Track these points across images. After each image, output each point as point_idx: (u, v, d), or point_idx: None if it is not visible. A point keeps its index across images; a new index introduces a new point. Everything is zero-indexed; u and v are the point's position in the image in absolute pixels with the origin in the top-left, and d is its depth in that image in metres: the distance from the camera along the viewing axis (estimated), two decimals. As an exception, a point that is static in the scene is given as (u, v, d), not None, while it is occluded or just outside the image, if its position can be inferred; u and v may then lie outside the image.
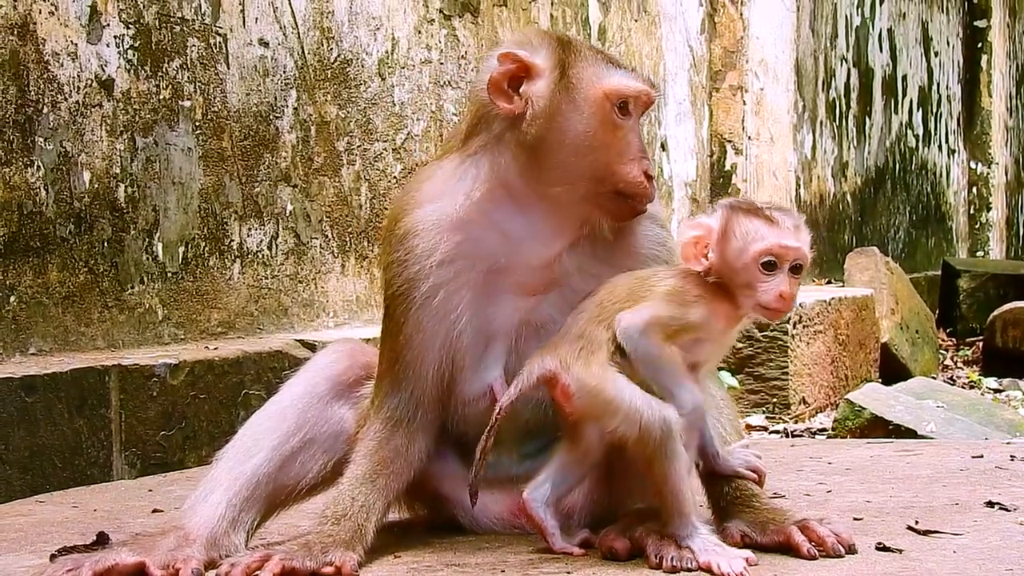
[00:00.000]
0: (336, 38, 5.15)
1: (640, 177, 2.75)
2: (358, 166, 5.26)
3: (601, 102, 2.74)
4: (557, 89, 2.75)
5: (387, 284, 2.85)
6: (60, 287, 4.08)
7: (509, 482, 2.91)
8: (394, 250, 2.81)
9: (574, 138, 2.74)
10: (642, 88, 2.78)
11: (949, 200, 13.28)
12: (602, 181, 2.75)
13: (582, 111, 2.75)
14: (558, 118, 2.75)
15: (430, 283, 2.77)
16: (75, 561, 2.61)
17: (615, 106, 2.75)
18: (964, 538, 2.84)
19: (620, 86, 2.76)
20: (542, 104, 2.75)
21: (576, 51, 2.79)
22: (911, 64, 12.08)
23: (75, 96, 4.12)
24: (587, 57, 2.79)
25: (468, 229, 2.78)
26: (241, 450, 2.84)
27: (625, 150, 2.76)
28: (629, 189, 2.76)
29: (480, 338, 2.82)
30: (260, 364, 4.48)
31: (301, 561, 2.60)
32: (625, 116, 2.76)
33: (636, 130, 2.79)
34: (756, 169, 8.03)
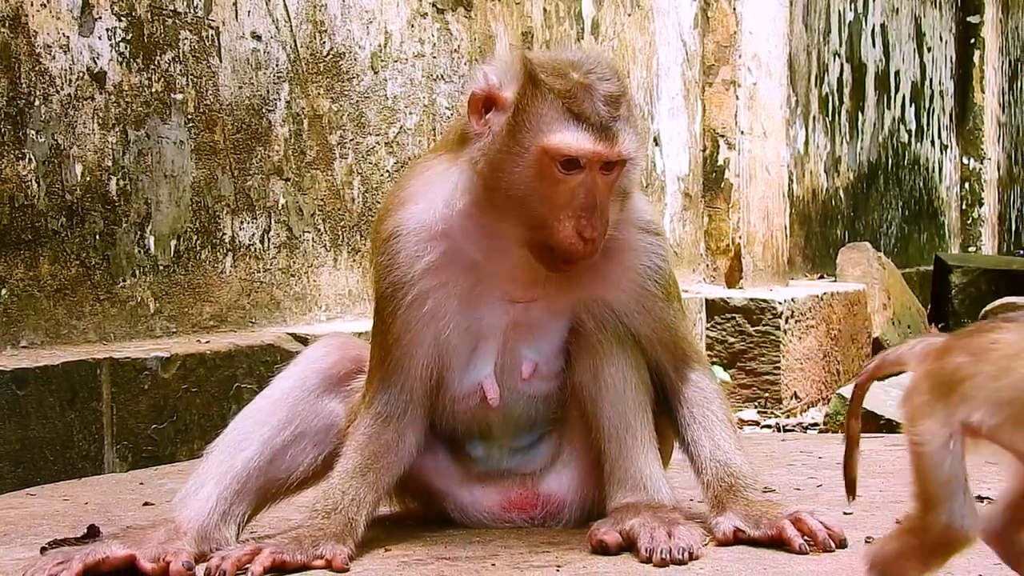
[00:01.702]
0: (329, 31, 5.15)
1: (571, 237, 2.64)
2: (351, 160, 5.25)
3: (540, 156, 2.64)
4: (507, 131, 2.67)
5: (375, 284, 2.86)
6: (52, 280, 4.08)
7: (500, 476, 2.92)
8: (380, 252, 2.81)
9: (512, 185, 2.67)
10: (588, 150, 2.62)
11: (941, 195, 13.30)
12: (536, 231, 2.68)
13: (522, 161, 2.66)
14: (501, 160, 2.68)
15: (416, 289, 2.77)
16: (65, 554, 2.61)
17: (556, 162, 2.64)
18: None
19: (561, 145, 2.62)
20: (492, 141, 2.69)
21: (536, 92, 2.65)
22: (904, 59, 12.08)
23: (67, 89, 4.12)
24: (543, 103, 2.64)
25: (451, 237, 2.77)
26: (232, 443, 2.85)
27: (563, 207, 2.64)
28: (559, 248, 2.67)
29: (469, 339, 2.82)
30: (252, 358, 4.48)
31: (292, 554, 2.61)
32: (572, 172, 2.64)
33: (590, 184, 2.64)
34: (749, 164, 8.03)
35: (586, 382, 2.82)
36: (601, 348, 2.82)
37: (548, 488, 2.90)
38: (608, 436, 2.81)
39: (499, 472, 2.92)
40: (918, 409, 1.98)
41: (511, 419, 2.87)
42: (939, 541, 1.98)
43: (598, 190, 2.66)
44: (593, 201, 2.65)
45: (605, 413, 2.80)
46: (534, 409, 2.88)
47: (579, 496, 2.89)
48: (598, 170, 2.66)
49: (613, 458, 2.80)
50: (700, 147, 7.96)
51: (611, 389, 2.80)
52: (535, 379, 2.85)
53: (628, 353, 2.83)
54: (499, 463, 2.91)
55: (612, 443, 2.80)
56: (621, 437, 2.79)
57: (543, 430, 2.92)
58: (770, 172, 8.29)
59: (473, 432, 2.90)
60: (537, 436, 2.92)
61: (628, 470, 2.79)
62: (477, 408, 2.84)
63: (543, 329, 2.84)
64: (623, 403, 2.80)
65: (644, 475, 2.79)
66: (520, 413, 2.87)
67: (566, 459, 2.90)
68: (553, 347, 2.86)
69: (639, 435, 2.80)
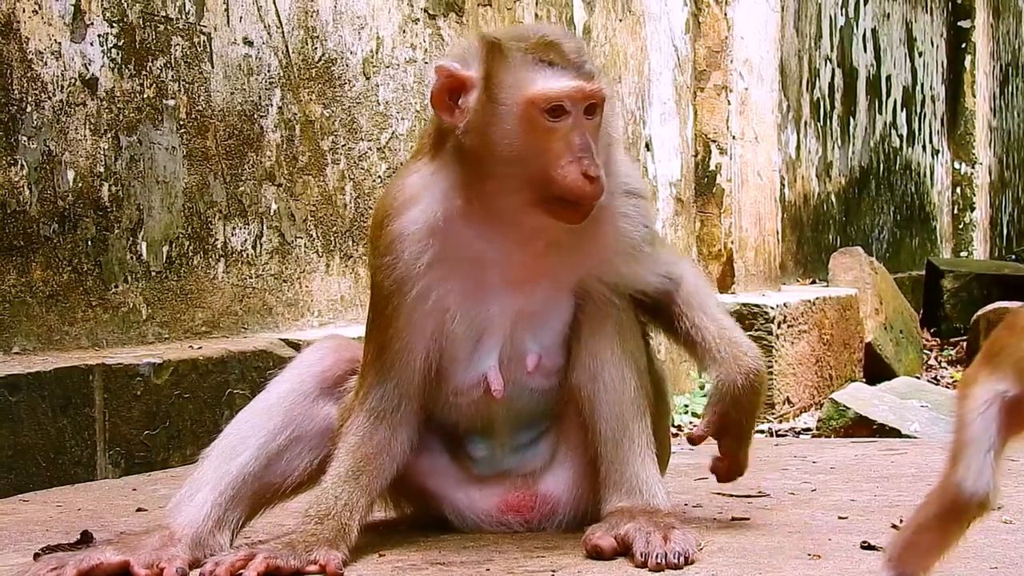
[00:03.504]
0: (320, 37, 5.15)
1: (578, 180, 2.67)
2: (343, 165, 5.25)
3: (526, 109, 2.67)
4: (485, 101, 2.70)
5: (376, 284, 2.85)
6: (44, 286, 4.07)
7: (497, 478, 2.91)
8: (383, 254, 2.80)
9: (506, 149, 2.69)
10: (571, 87, 2.68)
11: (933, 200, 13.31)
12: (542, 187, 2.70)
13: (509, 121, 2.68)
14: (488, 130, 2.70)
15: (420, 285, 2.77)
16: (59, 560, 2.60)
17: (544, 111, 2.67)
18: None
19: (544, 90, 2.67)
20: (474, 117, 2.71)
21: (504, 56, 2.70)
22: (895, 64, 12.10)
23: (59, 95, 4.11)
24: (514, 61, 2.69)
25: (451, 232, 2.77)
26: (227, 449, 2.84)
27: (561, 153, 2.67)
28: (569, 194, 2.69)
29: (473, 330, 2.83)
30: (244, 363, 4.47)
31: (285, 560, 2.60)
32: (559, 118, 2.68)
33: (579, 128, 2.69)
34: (740, 169, 8.03)
35: (585, 383, 2.82)
36: (602, 343, 2.82)
37: (545, 488, 2.90)
38: (605, 439, 2.80)
39: (496, 473, 2.91)
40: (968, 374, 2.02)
41: (513, 413, 2.88)
42: (952, 502, 1.99)
43: (588, 132, 2.71)
44: (586, 141, 2.69)
45: (603, 415, 2.80)
46: (536, 404, 2.89)
47: (574, 497, 2.88)
48: (582, 114, 2.70)
49: (609, 461, 2.80)
50: (692, 152, 7.96)
51: (610, 391, 2.80)
52: (538, 373, 2.85)
53: (629, 351, 2.83)
54: (499, 461, 2.91)
55: (609, 446, 2.80)
56: (618, 440, 2.79)
57: (542, 427, 2.92)
58: (762, 177, 8.30)
59: (475, 427, 2.90)
60: (537, 433, 2.92)
61: (624, 474, 2.79)
62: (480, 401, 2.85)
63: (546, 316, 2.85)
64: (621, 406, 2.80)
65: (640, 479, 2.78)
66: (523, 407, 2.88)
67: (562, 459, 2.90)
68: (556, 338, 2.86)
69: (636, 439, 2.80)
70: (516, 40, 2.73)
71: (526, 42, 2.72)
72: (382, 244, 2.80)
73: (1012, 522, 2.99)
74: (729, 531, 2.93)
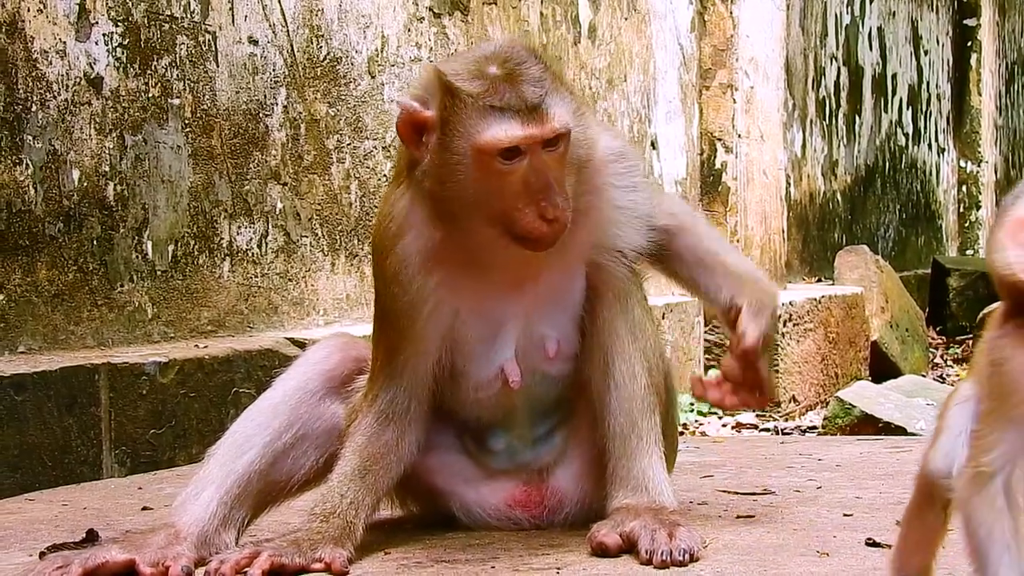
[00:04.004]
0: (326, 36, 5.15)
1: (535, 222, 2.65)
2: (348, 164, 5.25)
3: (477, 156, 2.65)
4: (441, 145, 2.67)
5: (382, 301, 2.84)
6: (49, 285, 4.07)
7: (511, 471, 2.91)
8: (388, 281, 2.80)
9: (463, 192, 2.68)
10: (520, 136, 2.63)
11: (939, 198, 13.30)
12: (504, 226, 2.69)
13: (463, 166, 2.66)
14: (445, 174, 2.68)
15: (428, 300, 2.78)
16: (64, 558, 2.60)
17: (496, 156, 2.64)
18: (953, 533, 2.83)
19: (492, 140, 2.62)
20: (432, 160, 2.69)
21: (456, 99, 2.65)
22: (901, 63, 12.09)
23: (64, 94, 4.12)
24: (467, 108, 2.64)
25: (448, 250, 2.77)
26: (233, 447, 2.84)
27: (519, 195, 2.65)
28: (526, 235, 2.68)
29: (487, 326, 2.83)
30: (250, 362, 4.48)
31: (290, 557, 2.60)
32: (514, 160, 2.64)
33: (536, 166, 2.65)
34: (746, 167, 8.03)
35: (595, 377, 2.82)
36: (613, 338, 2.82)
37: (553, 483, 2.90)
38: (613, 434, 2.80)
39: (511, 467, 2.92)
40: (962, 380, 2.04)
41: (532, 402, 2.88)
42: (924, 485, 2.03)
43: (548, 168, 2.67)
44: (545, 180, 2.66)
45: (612, 411, 2.80)
46: (554, 391, 2.89)
47: (581, 492, 2.89)
48: (541, 150, 2.66)
49: (617, 457, 2.80)
50: (697, 151, 7.96)
51: (620, 387, 2.80)
52: (558, 359, 2.86)
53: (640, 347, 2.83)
54: (516, 454, 2.92)
55: (617, 442, 2.80)
56: (626, 436, 2.79)
57: (558, 418, 2.92)
58: (767, 176, 8.29)
59: (497, 419, 2.90)
60: (552, 424, 2.93)
61: (631, 470, 2.79)
62: (501, 393, 2.85)
63: (559, 299, 2.85)
64: (631, 402, 2.80)
65: (647, 476, 2.78)
66: (541, 395, 2.89)
67: (571, 454, 2.90)
68: (572, 319, 2.86)
69: (645, 436, 2.80)
70: (469, 80, 2.67)
71: (478, 82, 2.66)
72: (385, 272, 2.81)
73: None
74: (734, 529, 2.92)
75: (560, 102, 2.69)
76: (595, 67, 7.02)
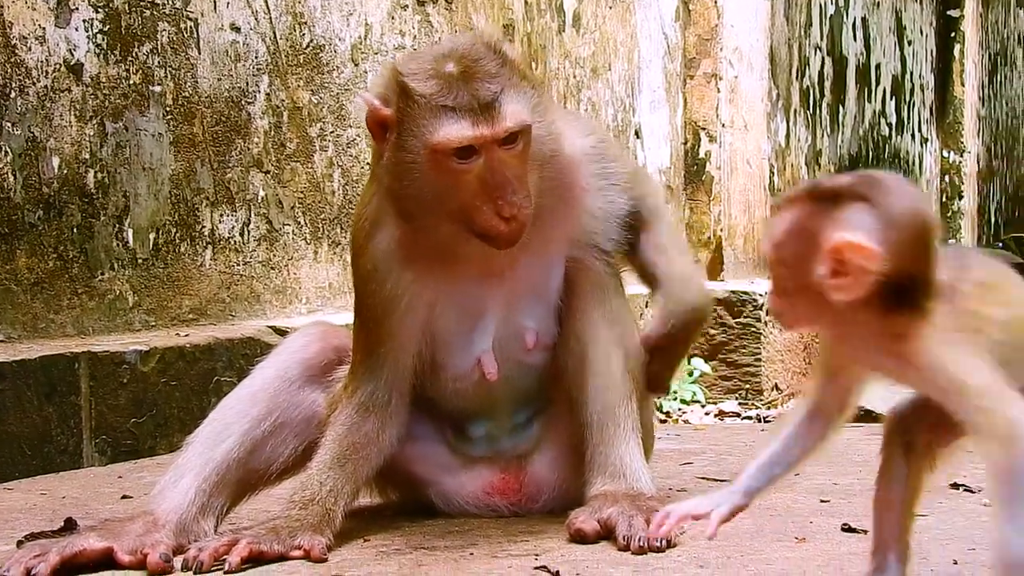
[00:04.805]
0: (308, 23, 5.14)
1: (492, 221, 2.65)
2: (331, 152, 5.24)
3: (431, 156, 2.65)
4: (398, 144, 2.68)
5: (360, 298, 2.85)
6: (29, 273, 4.06)
7: (490, 459, 2.92)
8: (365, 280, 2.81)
9: (421, 191, 2.69)
10: (472, 136, 2.63)
11: (922, 188, 13.33)
12: (464, 223, 2.69)
13: (420, 166, 2.67)
14: (402, 170, 2.69)
15: (404, 296, 2.78)
16: (43, 547, 2.60)
17: (451, 155, 2.64)
18: (929, 518, 2.85)
19: (445, 140, 2.63)
20: (390, 157, 2.70)
21: (410, 99, 2.65)
22: (884, 53, 12.11)
23: (43, 81, 4.10)
24: (420, 108, 2.65)
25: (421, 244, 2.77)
26: (212, 435, 2.84)
27: (476, 194, 2.65)
28: (485, 234, 2.68)
29: (465, 319, 2.84)
30: (232, 351, 4.47)
31: (269, 545, 2.60)
32: (470, 159, 2.64)
33: (493, 164, 2.65)
34: (730, 157, 8.03)
35: (572, 365, 2.83)
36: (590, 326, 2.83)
37: (531, 470, 2.91)
38: (591, 422, 2.81)
39: (489, 454, 2.93)
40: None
41: (512, 392, 2.89)
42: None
43: (506, 166, 2.66)
44: (502, 178, 2.65)
45: (589, 399, 2.81)
46: (533, 381, 2.90)
47: (559, 479, 2.90)
48: (498, 148, 2.65)
49: (594, 444, 2.81)
50: (681, 140, 7.96)
51: (596, 375, 2.82)
52: (537, 349, 2.86)
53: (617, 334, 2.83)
54: (496, 442, 2.93)
55: (594, 429, 2.81)
56: (604, 423, 2.80)
57: (537, 406, 2.93)
58: (751, 165, 8.30)
59: (478, 409, 2.91)
60: (532, 412, 2.94)
61: (609, 457, 2.80)
62: (478, 383, 2.86)
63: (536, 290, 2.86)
64: (607, 390, 2.81)
65: (625, 463, 2.79)
66: (521, 385, 2.89)
67: (549, 441, 2.91)
68: (550, 310, 2.87)
69: (622, 423, 2.81)
70: (423, 80, 2.66)
71: (432, 82, 2.65)
72: (361, 270, 2.82)
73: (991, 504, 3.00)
74: (713, 516, 2.92)
75: (517, 99, 2.67)
76: (579, 56, 7.02)
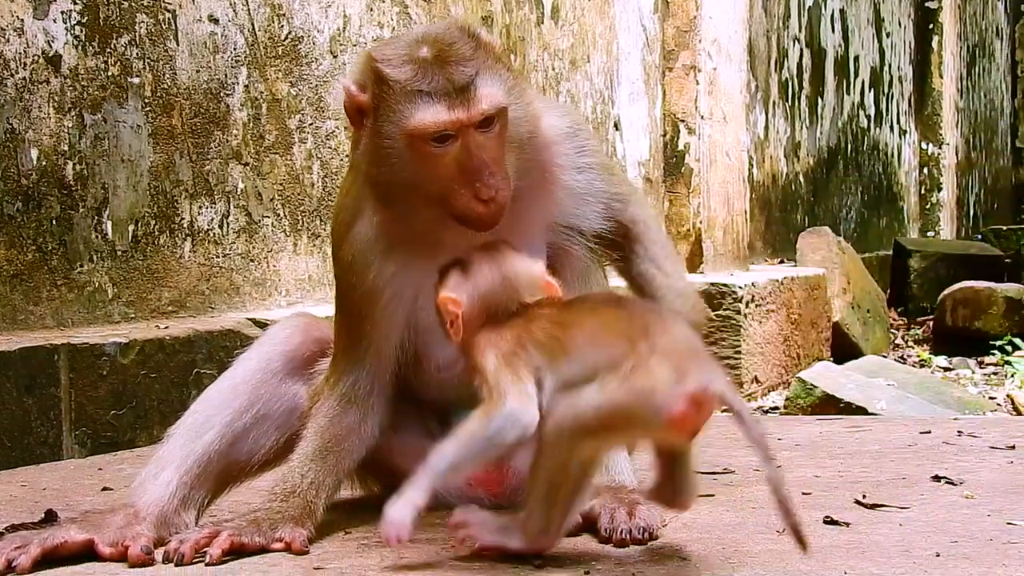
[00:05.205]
0: (287, 15, 5.12)
1: (471, 203, 2.64)
2: (310, 144, 5.23)
3: (407, 141, 2.64)
4: (375, 129, 2.67)
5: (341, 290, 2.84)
6: (8, 265, 4.05)
7: None
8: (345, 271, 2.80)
9: (398, 176, 2.68)
10: (447, 121, 2.61)
11: (900, 180, 13.37)
12: (440, 208, 2.68)
13: (396, 151, 2.66)
14: (380, 156, 2.68)
15: (385, 287, 2.77)
16: (23, 538, 2.59)
17: (428, 139, 2.63)
18: (911, 511, 2.87)
19: (420, 125, 2.62)
20: (368, 143, 2.70)
21: (387, 86, 2.64)
22: (863, 45, 12.14)
23: (22, 72, 4.08)
24: (395, 93, 2.64)
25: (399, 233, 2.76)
26: (193, 427, 2.83)
27: (453, 177, 2.64)
28: (462, 217, 2.67)
29: None
30: (211, 343, 4.46)
31: (250, 537, 2.60)
32: (446, 143, 2.63)
33: (470, 147, 2.63)
34: (709, 149, 8.05)
35: None
36: None
37: (515, 463, 2.90)
38: None
39: None
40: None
41: None
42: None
43: (484, 149, 2.65)
44: (479, 161, 2.64)
45: None
46: None
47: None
48: (474, 131, 2.65)
49: (577, 438, 2.80)
50: (660, 132, 7.97)
51: None
52: None
53: None
54: None
55: None
56: None
57: None
58: (730, 157, 8.31)
59: (459, 400, 2.90)
60: None
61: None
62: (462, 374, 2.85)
63: None
64: None
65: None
66: None
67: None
68: None
69: None
70: (397, 66, 2.65)
71: (406, 68, 2.64)
72: (342, 260, 2.81)
73: (973, 496, 3.02)
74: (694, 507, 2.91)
75: (492, 81, 2.66)
76: (558, 48, 7.02)
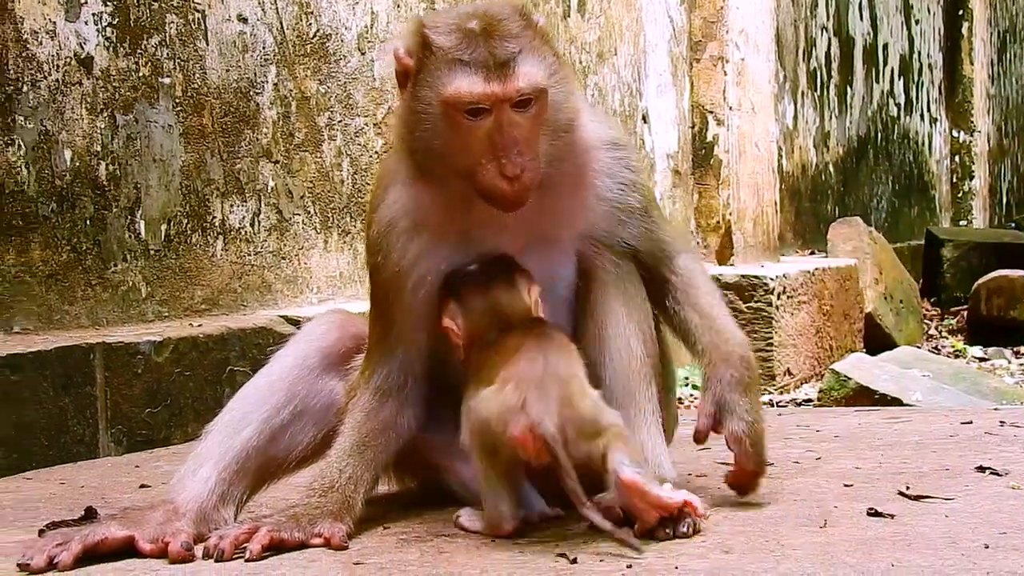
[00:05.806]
0: (315, 13, 5.13)
1: (495, 180, 2.63)
2: (339, 141, 5.23)
3: (443, 109, 2.64)
4: (413, 95, 2.67)
5: (372, 274, 2.83)
6: (43, 265, 4.06)
7: None
8: (374, 248, 2.80)
9: (431, 143, 2.67)
10: (481, 93, 2.60)
11: (932, 169, 13.29)
12: (467, 180, 2.68)
13: (431, 118, 2.65)
14: (415, 121, 2.68)
15: (414, 270, 2.76)
16: (64, 535, 2.60)
17: (461, 111, 2.62)
18: (956, 503, 2.84)
19: (456, 93, 2.61)
20: (405, 107, 2.70)
21: (430, 51, 2.65)
22: (892, 32, 12.07)
23: (55, 74, 4.10)
24: (437, 59, 2.64)
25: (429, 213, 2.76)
26: (231, 423, 2.83)
27: (482, 152, 2.63)
28: (487, 192, 2.66)
29: None
30: (244, 341, 4.47)
31: (290, 532, 2.60)
32: (480, 117, 2.62)
33: (503, 125, 2.62)
34: (738, 140, 8.01)
35: (591, 352, 2.80)
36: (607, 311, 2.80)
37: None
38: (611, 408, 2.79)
39: None
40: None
41: None
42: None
43: (516, 127, 2.64)
44: (510, 139, 2.63)
45: (609, 384, 2.78)
46: None
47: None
48: (510, 108, 2.63)
49: (615, 430, 2.79)
50: (689, 124, 7.94)
51: (616, 360, 2.79)
52: None
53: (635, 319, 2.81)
54: None
55: None
56: (624, 409, 2.76)
57: None
58: (759, 148, 8.28)
59: None
60: None
61: (630, 442, 2.78)
62: None
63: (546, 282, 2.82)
64: (627, 375, 2.78)
65: (646, 448, 2.77)
66: None
67: None
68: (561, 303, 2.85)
69: (643, 408, 2.79)
70: (444, 33, 2.66)
71: (452, 35, 2.64)
72: (371, 237, 2.81)
73: (1019, 487, 2.99)
74: (735, 501, 2.92)
75: (534, 62, 2.65)
76: (585, 41, 7.00)
